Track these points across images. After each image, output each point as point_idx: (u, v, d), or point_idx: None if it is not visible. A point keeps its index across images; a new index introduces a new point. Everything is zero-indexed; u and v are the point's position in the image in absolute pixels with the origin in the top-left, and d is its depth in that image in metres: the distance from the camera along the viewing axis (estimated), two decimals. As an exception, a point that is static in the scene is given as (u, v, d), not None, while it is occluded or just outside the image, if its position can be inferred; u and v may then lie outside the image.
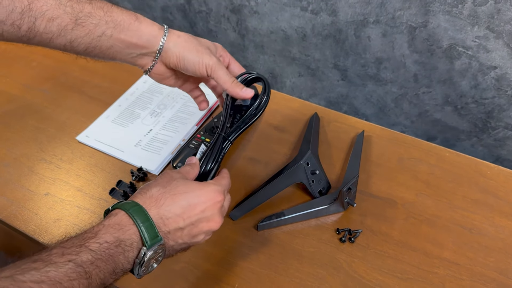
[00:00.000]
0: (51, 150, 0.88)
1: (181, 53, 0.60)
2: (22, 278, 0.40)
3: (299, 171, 0.75)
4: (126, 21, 0.57)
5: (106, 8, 0.57)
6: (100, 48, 0.57)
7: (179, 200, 0.53)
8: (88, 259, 0.44)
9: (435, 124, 1.02)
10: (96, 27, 0.55)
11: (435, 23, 0.86)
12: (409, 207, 0.77)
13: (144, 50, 0.60)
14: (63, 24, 0.54)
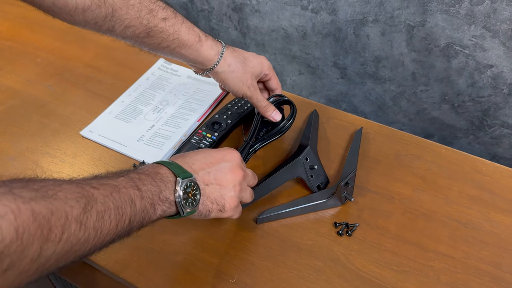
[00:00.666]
0: (55, 145, 0.89)
1: (225, 80, 0.74)
2: (89, 180, 0.47)
3: (298, 166, 0.77)
4: (190, 41, 0.68)
5: (177, 26, 0.68)
6: (162, 52, 0.70)
7: (199, 153, 0.62)
8: (136, 176, 0.51)
9: (432, 122, 1.03)
10: (163, 41, 0.67)
11: (432, 22, 0.87)
12: (406, 202, 0.78)
13: (197, 65, 0.73)
14: (136, 32, 0.65)
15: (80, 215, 0.42)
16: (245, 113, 0.89)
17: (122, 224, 0.47)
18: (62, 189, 0.42)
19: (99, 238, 0.44)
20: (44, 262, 0.38)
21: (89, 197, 0.43)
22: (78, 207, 0.42)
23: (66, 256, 0.41)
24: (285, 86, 1.20)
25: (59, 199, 0.40)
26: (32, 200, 0.38)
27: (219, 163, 0.61)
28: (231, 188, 0.61)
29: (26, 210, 0.37)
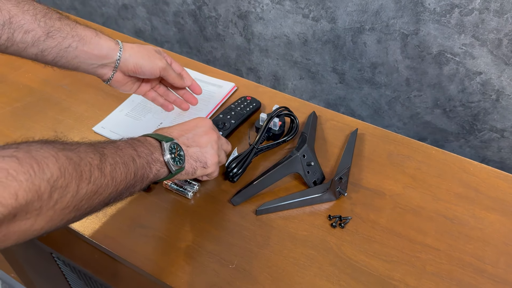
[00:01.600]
0: (69, 139, 0.94)
1: (137, 61, 0.74)
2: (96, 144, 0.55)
3: (296, 162, 0.82)
4: (88, 35, 0.69)
5: (72, 25, 0.69)
6: (66, 58, 0.68)
7: (174, 126, 0.71)
8: (130, 141, 0.61)
9: (425, 126, 1.08)
10: (64, 40, 0.67)
11: (425, 31, 0.92)
12: (396, 198, 0.82)
13: (104, 60, 0.72)
14: (36, 36, 0.65)
15: (100, 164, 0.51)
16: (248, 114, 0.94)
17: (130, 176, 0.56)
18: (80, 146, 0.51)
19: (114, 185, 0.53)
20: (80, 199, 0.47)
21: (101, 153, 0.52)
22: (96, 159, 0.51)
23: (94, 196, 0.50)
24: (286, 90, 1.26)
25: (81, 152, 0.49)
26: (64, 149, 0.47)
27: (194, 129, 0.70)
28: (209, 147, 0.70)
29: (62, 155, 0.46)
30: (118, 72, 0.75)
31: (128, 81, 0.79)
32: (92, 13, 1.52)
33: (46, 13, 0.67)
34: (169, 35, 1.38)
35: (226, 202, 0.82)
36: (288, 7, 1.06)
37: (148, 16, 1.37)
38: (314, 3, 1.02)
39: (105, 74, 0.75)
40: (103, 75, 0.75)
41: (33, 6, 0.66)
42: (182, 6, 1.26)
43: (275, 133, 0.91)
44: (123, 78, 0.77)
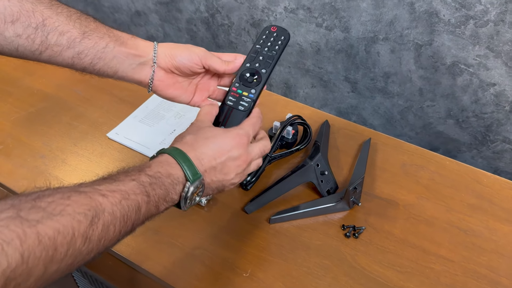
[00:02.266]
0: (83, 145, 0.96)
1: (172, 52, 0.67)
2: (99, 187, 0.48)
3: (310, 171, 0.82)
4: (125, 36, 0.66)
5: (107, 27, 0.66)
6: (104, 59, 0.64)
7: (210, 143, 0.61)
8: (147, 181, 0.53)
9: (438, 136, 1.08)
10: (101, 40, 0.63)
11: (439, 42, 0.93)
12: (409, 208, 0.82)
13: (142, 59, 0.66)
14: (72, 37, 0.61)
15: (87, 230, 0.43)
16: (279, 54, 0.72)
17: (125, 230, 0.49)
18: (70, 203, 0.43)
19: (102, 245, 0.46)
20: (48, 278, 0.41)
21: (97, 208, 0.45)
22: (85, 221, 0.43)
23: (68, 269, 0.43)
24: (298, 98, 1.26)
25: (67, 215, 0.42)
26: (39, 222, 0.39)
27: (227, 155, 0.61)
28: (234, 177, 0.63)
29: (32, 234, 0.38)
30: (158, 69, 0.68)
31: (175, 83, 0.70)
32: (105, 19, 1.53)
33: (81, 15, 0.64)
34: (181, 42, 1.39)
35: (240, 210, 0.83)
36: (302, 16, 1.07)
37: (161, 23, 1.38)
38: (328, 12, 1.02)
39: (146, 75, 0.67)
40: (144, 78, 0.68)
41: (66, 8, 0.63)
42: (195, 14, 1.28)
43: (288, 141, 0.92)
44: (166, 77, 0.69)
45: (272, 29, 0.72)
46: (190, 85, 0.72)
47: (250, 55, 0.71)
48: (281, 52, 0.72)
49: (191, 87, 0.72)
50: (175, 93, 0.71)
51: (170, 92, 0.71)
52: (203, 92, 0.74)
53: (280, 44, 0.71)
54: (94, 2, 1.50)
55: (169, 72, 0.69)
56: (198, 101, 0.73)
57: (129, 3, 1.40)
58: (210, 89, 0.74)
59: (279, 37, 0.72)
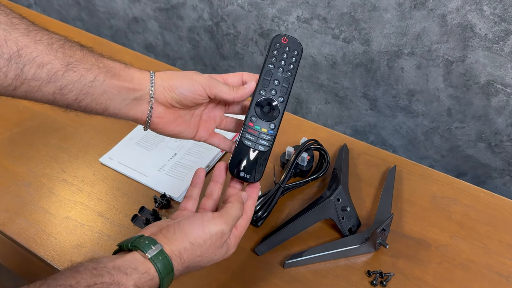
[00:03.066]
0: (73, 171, 0.86)
1: (171, 83, 0.58)
2: None
3: (329, 207, 0.73)
4: (117, 67, 0.56)
5: (97, 55, 0.56)
6: (92, 95, 0.54)
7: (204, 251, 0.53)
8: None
9: (466, 160, 0.99)
10: (88, 72, 0.53)
11: (473, 59, 0.84)
12: (443, 250, 0.73)
13: (137, 93, 0.57)
14: (53, 70, 0.51)
15: None
16: (295, 74, 0.61)
17: None
18: None
19: None
20: None
21: None
22: None
23: None
24: (310, 114, 1.17)
25: None
26: None
27: (213, 250, 0.54)
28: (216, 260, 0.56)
29: None
30: (156, 105, 0.58)
31: (176, 118, 0.60)
32: (100, 25, 1.44)
33: (65, 43, 0.54)
34: (182, 51, 1.30)
35: (249, 251, 0.74)
36: (317, 27, 0.98)
37: (160, 30, 1.29)
38: (346, 23, 0.93)
39: (143, 112, 0.58)
40: (140, 114, 0.58)
41: (47, 34, 0.52)
42: (197, 22, 1.18)
43: (302, 169, 0.82)
44: (166, 113, 0.59)
45: (283, 41, 0.61)
46: (193, 117, 0.62)
47: (263, 79, 0.60)
48: (296, 72, 0.61)
49: (194, 119, 0.63)
50: (177, 129, 0.61)
51: (172, 129, 0.61)
52: (209, 123, 0.64)
53: (294, 61, 0.61)
54: (89, 7, 1.41)
55: (169, 107, 0.59)
56: (204, 135, 0.63)
57: (126, 8, 1.31)
58: (217, 119, 0.64)
59: (292, 52, 0.61)
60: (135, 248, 0.49)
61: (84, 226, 0.77)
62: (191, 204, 0.60)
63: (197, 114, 0.62)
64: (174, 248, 0.50)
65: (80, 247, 0.74)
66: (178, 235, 0.52)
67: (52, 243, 0.75)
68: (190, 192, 0.61)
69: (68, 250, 0.74)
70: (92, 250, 0.74)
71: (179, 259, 0.50)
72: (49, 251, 0.74)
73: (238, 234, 0.58)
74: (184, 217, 0.54)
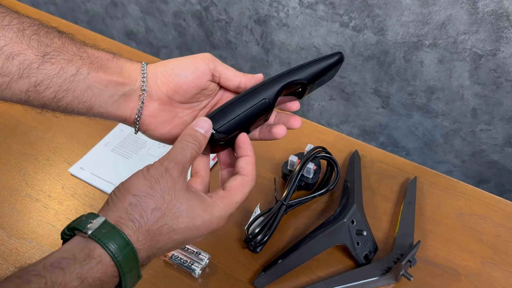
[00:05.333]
0: (37, 184, 0.75)
1: (166, 67, 0.50)
2: None
3: (342, 231, 0.63)
4: (104, 57, 0.48)
5: (79, 44, 0.47)
6: (74, 92, 0.45)
7: (176, 235, 0.42)
8: None
9: (490, 166, 0.89)
10: (69, 64, 0.45)
11: (507, 52, 0.74)
12: (474, 280, 0.64)
13: (126, 87, 0.48)
14: (26, 62, 0.42)
15: None
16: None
17: None
18: None
19: None
20: None
21: None
22: None
23: None
24: (311, 111, 1.06)
25: None
26: None
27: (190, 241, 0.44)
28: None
29: None
30: (149, 100, 0.49)
31: (173, 117, 0.51)
32: (75, 9, 1.31)
33: (39, 28, 0.45)
34: (167, 39, 1.18)
35: (247, 283, 0.64)
36: (322, 13, 0.86)
37: (142, 15, 1.17)
38: (357, 9, 0.82)
39: (132, 109, 0.49)
40: (129, 113, 0.49)
41: (18, 18, 0.44)
42: (184, 6, 1.06)
43: (308, 182, 0.72)
44: (161, 110, 0.50)
45: None
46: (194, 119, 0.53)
47: None
48: None
49: None
50: (174, 132, 0.51)
51: (166, 131, 0.51)
52: None
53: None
54: (62, -12, 1.28)
55: (166, 102, 0.50)
56: None
57: (104, -10, 1.18)
58: None
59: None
60: (72, 232, 0.39)
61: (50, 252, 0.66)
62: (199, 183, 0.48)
63: (201, 115, 0.52)
64: (118, 212, 0.39)
65: (44, 279, 0.63)
66: (118, 195, 0.41)
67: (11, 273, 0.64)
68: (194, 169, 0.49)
69: (31, 283, 0.63)
70: (59, 283, 0.63)
71: (131, 222, 0.39)
72: (7, 284, 0.63)
73: (227, 196, 0.45)
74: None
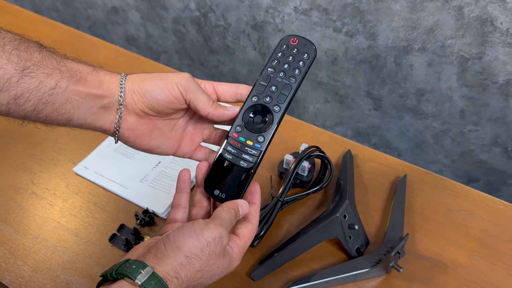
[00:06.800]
0: (43, 183, 0.77)
1: (142, 86, 0.50)
2: None
3: (335, 225, 0.66)
4: (83, 70, 0.49)
5: (59, 57, 0.48)
6: (53, 104, 0.47)
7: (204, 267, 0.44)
8: None
9: (479, 165, 0.92)
10: (48, 77, 0.46)
11: (492, 56, 0.77)
12: (461, 272, 0.67)
13: (104, 100, 0.49)
14: (6, 76, 0.44)
15: None
16: (300, 81, 0.52)
17: None
18: None
19: None
20: None
21: None
22: None
23: None
24: (307, 114, 1.09)
25: None
26: None
27: (218, 273, 0.47)
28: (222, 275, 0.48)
29: None
30: (127, 114, 0.50)
31: (152, 130, 0.52)
32: (77, 15, 1.34)
33: (20, 43, 0.46)
34: (167, 45, 1.21)
35: (244, 275, 0.66)
36: (316, 19, 0.90)
37: (143, 21, 1.20)
38: (349, 15, 0.85)
39: (111, 122, 0.50)
40: (108, 125, 0.51)
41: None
42: (183, 12, 1.09)
43: (303, 179, 0.74)
44: (140, 123, 0.51)
45: (292, 42, 0.52)
46: (174, 129, 0.54)
47: (259, 84, 0.52)
48: (302, 78, 0.52)
49: (176, 132, 0.54)
50: (153, 143, 0.53)
51: (146, 143, 0.53)
52: (195, 136, 0.56)
53: (301, 66, 0.52)
54: (64, -5, 1.31)
55: (143, 116, 0.51)
56: (188, 151, 0.56)
57: (105, -3, 1.21)
58: (205, 132, 0.56)
59: (300, 55, 0.52)
60: (121, 276, 0.41)
61: (56, 248, 0.69)
62: (181, 214, 0.52)
63: (180, 125, 0.54)
64: (167, 267, 0.42)
65: (51, 271, 0.66)
66: (169, 250, 0.43)
67: (19, 267, 0.66)
68: (177, 200, 0.53)
69: (38, 276, 0.65)
70: (65, 275, 0.65)
71: (176, 279, 0.42)
72: (15, 277, 0.65)
73: (242, 244, 0.49)
74: (173, 230, 0.46)
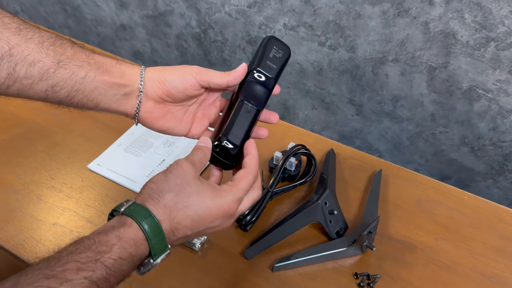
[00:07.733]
0: (61, 178, 0.86)
1: (161, 76, 0.59)
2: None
3: (317, 211, 0.74)
4: (108, 63, 0.57)
5: (88, 52, 0.57)
6: (84, 91, 0.55)
7: (190, 212, 0.51)
8: (103, 276, 0.44)
9: (450, 164, 1.01)
10: (79, 69, 0.54)
11: (455, 65, 0.86)
12: (428, 252, 0.75)
13: (127, 88, 0.58)
14: (45, 68, 0.53)
15: None
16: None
17: None
18: None
19: None
20: None
21: None
22: None
23: None
24: (297, 120, 1.19)
25: None
26: None
27: (205, 226, 0.53)
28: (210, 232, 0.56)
29: None
30: (146, 100, 0.59)
31: (166, 113, 0.61)
32: (87, 32, 1.44)
33: (55, 40, 0.55)
34: (170, 58, 1.31)
35: (239, 254, 0.74)
36: (303, 34, 1.00)
37: (148, 37, 1.30)
38: (332, 30, 0.95)
39: (132, 106, 0.59)
40: (129, 109, 0.59)
41: (38, 32, 0.54)
42: (185, 29, 1.19)
43: (290, 174, 0.84)
44: (156, 108, 0.60)
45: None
46: (186, 114, 0.63)
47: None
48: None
49: (187, 116, 0.63)
50: (168, 125, 0.62)
51: (161, 124, 0.62)
52: (203, 121, 0.64)
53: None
54: (76, 14, 1.41)
55: (160, 102, 0.60)
56: (197, 133, 0.64)
57: (114, 16, 1.32)
58: (211, 117, 0.65)
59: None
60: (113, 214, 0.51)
61: (73, 233, 0.77)
62: None
63: (191, 111, 0.63)
64: (143, 196, 0.51)
65: (69, 253, 0.74)
66: (143, 186, 0.52)
67: (41, 249, 0.75)
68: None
69: (57, 257, 0.74)
70: (81, 256, 0.74)
71: (152, 200, 0.50)
72: (37, 258, 0.74)
73: (239, 185, 0.56)
74: None
